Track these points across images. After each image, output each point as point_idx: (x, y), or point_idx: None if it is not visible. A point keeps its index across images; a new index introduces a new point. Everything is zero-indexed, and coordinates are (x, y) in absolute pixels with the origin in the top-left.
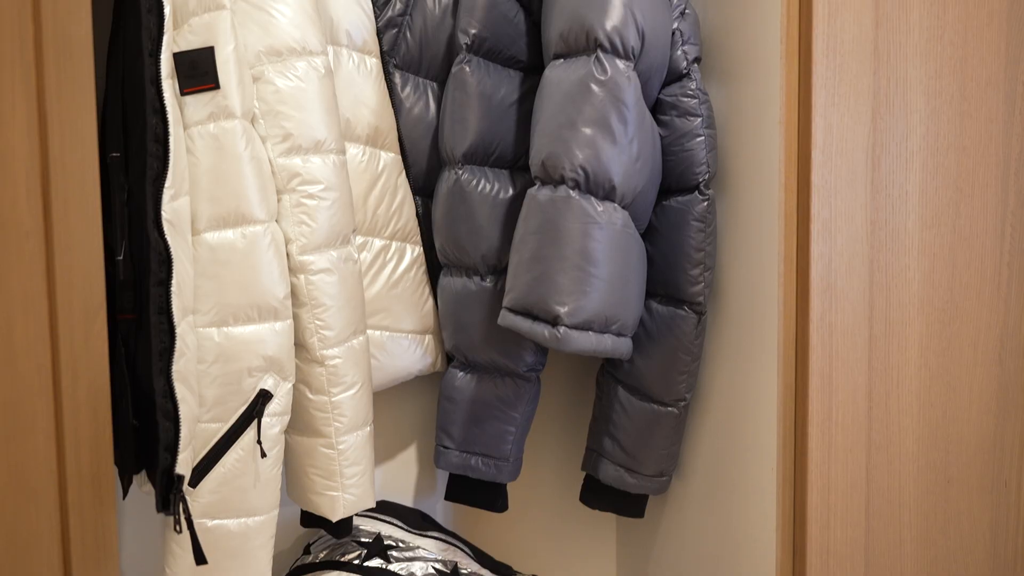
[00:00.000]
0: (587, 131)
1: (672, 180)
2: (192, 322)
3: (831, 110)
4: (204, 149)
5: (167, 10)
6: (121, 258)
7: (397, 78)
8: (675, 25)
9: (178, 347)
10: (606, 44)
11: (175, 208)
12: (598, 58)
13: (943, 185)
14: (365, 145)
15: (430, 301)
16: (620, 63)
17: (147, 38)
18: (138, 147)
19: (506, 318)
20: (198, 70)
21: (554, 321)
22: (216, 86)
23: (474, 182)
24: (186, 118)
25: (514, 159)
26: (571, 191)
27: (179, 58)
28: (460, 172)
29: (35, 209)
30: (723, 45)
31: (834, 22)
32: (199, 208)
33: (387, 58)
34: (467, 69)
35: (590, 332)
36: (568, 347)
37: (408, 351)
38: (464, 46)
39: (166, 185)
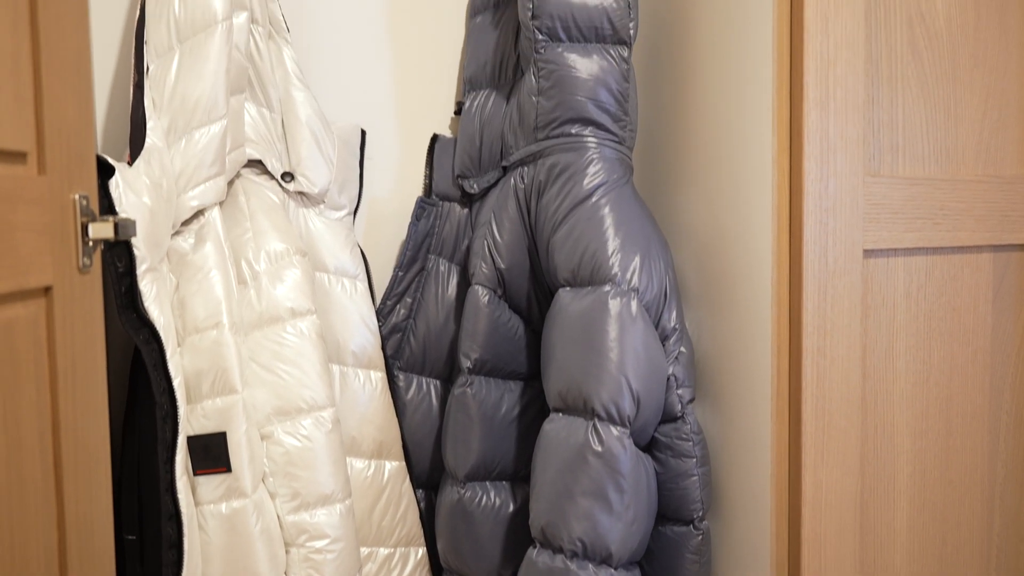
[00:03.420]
0: (584, 503)
1: (668, 511)
2: None
3: (820, 468)
4: (216, 529)
5: (181, 411)
6: None
7: (401, 380)
8: (670, 371)
9: None
10: (602, 413)
11: None
12: (595, 427)
13: (930, 519)
14: (370, 459)
15: None
16: (615, 430)
17: (162, 448)
18: (153, 538)
19: None
20: (211, 454)
21: None
22: (228, 469)
23: (476, 500)
24: (198, 496)
25: (515, 471)
26: (568, 561)
27: (192, 442)
28: (463, 491)
29: None
30: (716, 373)
31: (822, 383)
32: None
33: (391, 362)
34: (469, 392)
35: None
36: None
37: None
38: (466, 369)
39: None
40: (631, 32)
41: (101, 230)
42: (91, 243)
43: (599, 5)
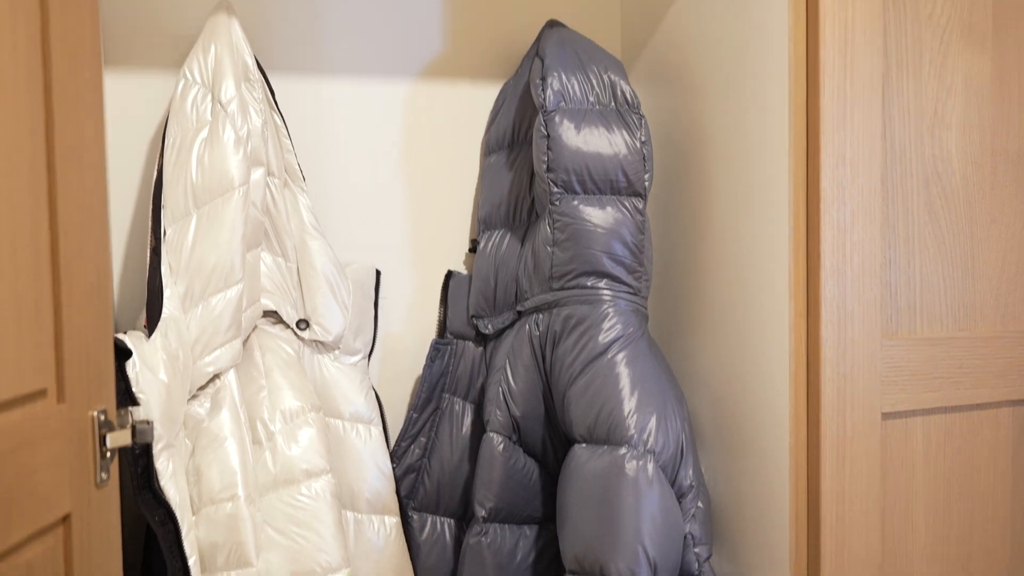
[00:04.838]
0: None
1: None
2: None
3: None
4: None
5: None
6: None
7: (415, 520)
8: (687, 528)
9: None
10: None
11: None
12: None
13: None
14: None
15: None
16: None
17: None
18: None
19: None
20: None
21: None
22: None
23: None
24: None
25: None
26: None
27: None
28: None
29: None
30: (733, 528)
31: (841, 550)
32: None
33: (406, 502)
34: (484, 542)
35: None
36: None
37: None
38: (481, 518)
39: None
40: (646, 184)
41: (119, 439)
42: (108, 454)
43: (614, 157)
